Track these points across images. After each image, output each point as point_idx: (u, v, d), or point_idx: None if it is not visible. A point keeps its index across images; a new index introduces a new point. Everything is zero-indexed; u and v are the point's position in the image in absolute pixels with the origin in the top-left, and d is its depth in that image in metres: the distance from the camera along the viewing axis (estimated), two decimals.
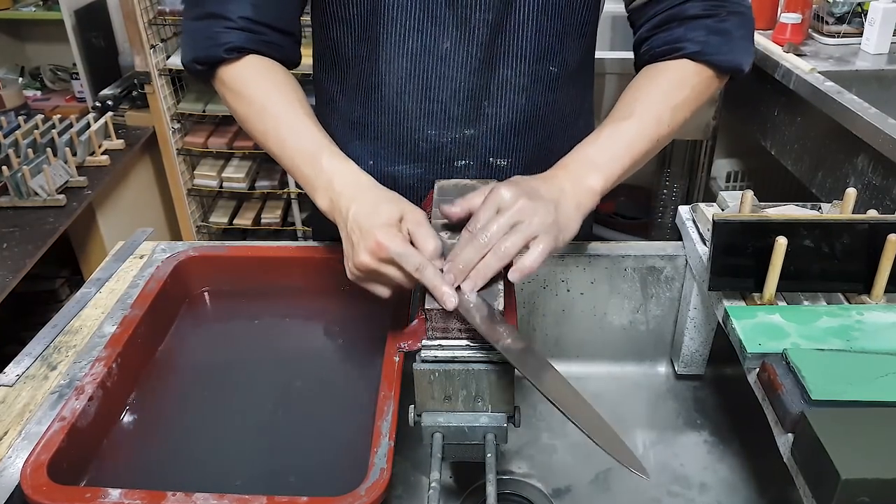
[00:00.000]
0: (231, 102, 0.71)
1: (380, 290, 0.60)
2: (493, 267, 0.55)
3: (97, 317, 0.75)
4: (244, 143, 2.06)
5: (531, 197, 0.57)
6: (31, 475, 0.51)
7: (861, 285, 0.60)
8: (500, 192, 0.57)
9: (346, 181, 0.62)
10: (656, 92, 0.68)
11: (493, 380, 0.55)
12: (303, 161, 0.64)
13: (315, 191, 0.63)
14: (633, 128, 0.65)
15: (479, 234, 0.55)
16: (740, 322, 0.57)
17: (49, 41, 2.35)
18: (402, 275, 0.56)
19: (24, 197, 1.63)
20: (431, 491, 0.51)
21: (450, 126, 0.76)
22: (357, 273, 0.59)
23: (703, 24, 0.68)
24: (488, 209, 0.57)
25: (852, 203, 0.64)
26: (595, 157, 0.64)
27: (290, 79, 0.71)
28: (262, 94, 0.68)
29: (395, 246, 0.55)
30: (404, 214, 0.58)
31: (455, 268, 0.55)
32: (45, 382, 0.66)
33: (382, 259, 0.56)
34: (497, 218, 0.56)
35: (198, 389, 0.68)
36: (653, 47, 0.71)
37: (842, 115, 1.20)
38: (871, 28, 1.48)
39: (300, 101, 0.68)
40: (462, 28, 0.71)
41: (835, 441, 0.44)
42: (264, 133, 0.68)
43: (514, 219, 0.56)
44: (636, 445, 0.76)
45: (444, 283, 0.54)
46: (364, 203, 0.59)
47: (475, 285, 0.55)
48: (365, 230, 0.57)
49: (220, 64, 0.70)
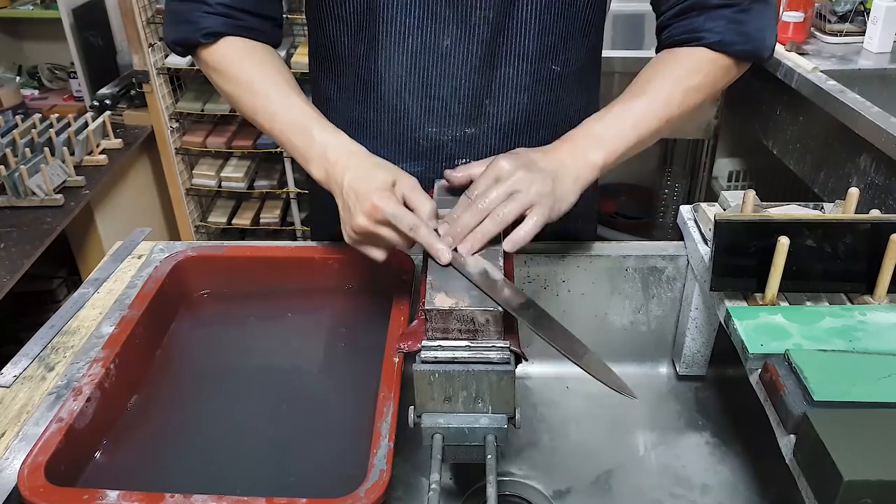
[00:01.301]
0: (217, 81, 0.73)
1: (375, 253, 0.63)
2: (490, 231, 0.58)
3: (95, 317, 0.75)
4: (243, 143, 2.05)
5: (529, 168, 0.60)
6: (29, 476, 0.51)
7: (864, 285, 0.60)
8: (499, 163, 0.60)
9: (340, 151, 0.64)
10: (670, 74, 0.69)
11: (493, 381, 0.55)
12: (294, 134, 0.67)
13: (309, 162, 0.66)
14: (642, 106, 0.67)
15: (478, 200, 0.59)
16: (742, 322, 0.57)
17: (47, 40, 2.34)
18: (398, 235, 0.59)
19: (22, 196, 1.63)
20: (431, 492, 0.51)
21: (450, 124, 0.76)
22: (354, 236, 0.62)
23: (724, 14, 0.69)
24: (488, 178, 0.60)
25: (855, 203, 0.63)
26: (600, 132, 0.66)
27: (272, 54, 0.74)
28: (247, 72, 0.70)
29: (390, 207, 0.58)
30: (398, 179, 0.61)
31: (453, 230, 0.59)
32: (43, 383, 0.66)
33: (378, 221, 0.59)
34: (496, 186, 0.59)
35: (196, 390, 0.68)
36: (672, 35, 0.71)
37: (844, 115, 1.20)
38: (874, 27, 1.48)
39: (284, 77, 0.71)
40: (462, 26, 0.71)
41: (837, 442, 0.44)
42: (253, 109, 0.70)
43: (511, 187, 0.59)
44: (637, 447, 0.75)
45: (439, 241, 0.58)
46: (359, 169, 0.62)
47: (472, 247, 0.58)
48: (361, 194, 0.60)
49: (199, 46, 0.72)
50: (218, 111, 2.02)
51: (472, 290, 0.56)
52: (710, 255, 0.62)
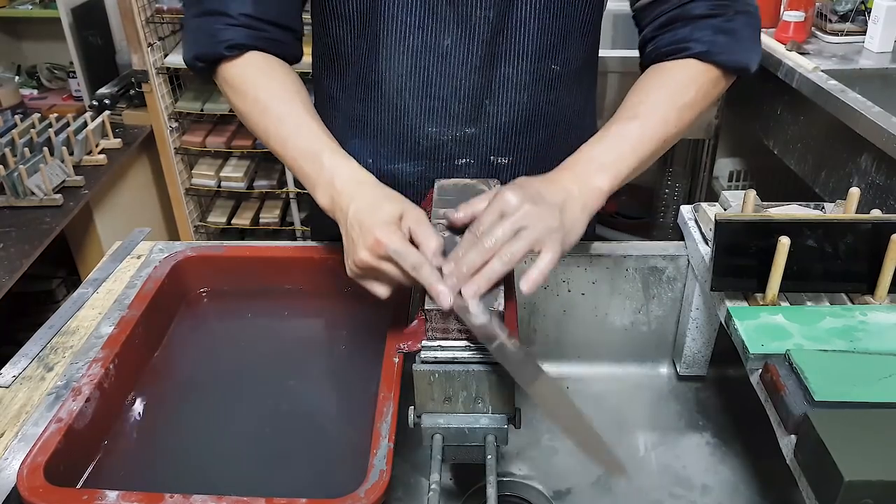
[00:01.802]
0: (233, 100, 0.71)
1: (379, 289, 0.60)
2: (497, 272, 0.54)
3: (94, 317, 0.74)
4: (242, 143, 2.05)
5: (535, 201, 0.57)
6: (28, 477, 0.51)
7: (864, 286, 0.60)
8: (504, 197, 0.57)
9: (347, 179, 0.62)
10: (662, 92, 0.68)
11: (493, 381, 0.54)
12: (304, 159, 0.65)
13: (316, 188, 0.64)
14: (639, 128, 0.65)
15: (484, 238, 0.55)
16: (743, 322, 0.57)
17: (46, 39, 2.34)
18: (401, 273, 0.56)
19: (21, 196, 1.62)
20: (431, 493, 0.51)
21: (450, 124, 0.76)
22: (356, 270, 0.59)
23: (710, 24, 0.68)
24: (492, 213, 0.57)
25: (856, 203, 0.63)
26: (601, 157, 0.64)
27: (291, 75, 0.71)
28: (264, 92, 0.68)
29: (393, 244, 0.55)
30: (405, 213, 0.58)
31: (458, 271, 0.55)
32: (42, 383, 0.66)
33: (381, 256, 0.56)
34: (502, 223, 0.56)
35: (196, 390, 0.68)
36: (658, 47, 0.70)
37: (845, 114, 1.20)
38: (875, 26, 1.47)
39: (301, 99, 0.68)
40: (463, 25, 0.71)
41: (838, 442, 0.44)
42: (266, 131, 0.68)
43: (518, 223, 0.55)
44: (637, 447, 0.75)
45: (440, 282, 0.54)
46: (364, 201, 0.59)
47: (479, 289, 0.54)
48: (365, 227, 0.57)
49: (222, 61, 0.70)
50: (217, 111, 2.02)
51: None
52: (710, 255, 0.62)
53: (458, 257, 0.56)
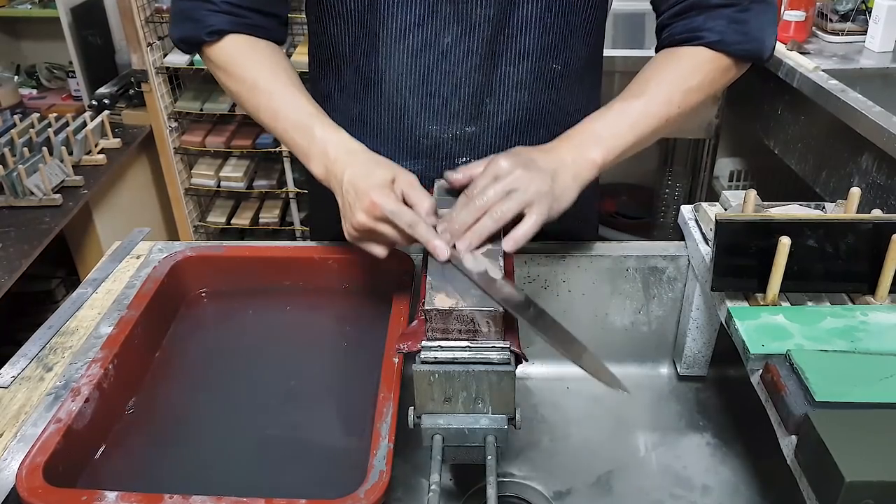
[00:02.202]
0: (221, 79, 0.74)
1: (376, 250, 0.63)
2: (488, 228, 0.59)
3: (93, 317, 0.74)
4: (242, 142, 2.05)
5: (528, 167, 0.61)
6: (27, 477, 0.51)
7: (865, 286, 0.60)
8: (498, 161, 0.61)
9: (340, 148, 0.65)
10: (670, 74, 0.69)
11: (493, 381, 0.54)
12: (296, 132, 0.68)
13: (310, 159, 0.67)
14: (642, 106, 0.67)
15: (476, 198, 0.59)
16: (743, 323, 0.57)
17: (45, 39, 2.34)
18: (397, 232, 0.60)
19: (20, 196, 1.62)
20: (431, 493, 0.51)
21: (451, 121, 0.76)
22: (354, 233, 0.62)
23: (724, 14, 0.68)
24: (486, 176, 0.61)
25: (856, 202, 0.63)
26: (600, 130, 0.66)
27: (276, 53, 0.74)
28: (251, 70, 0.71)
29: (388, 204, 0.59)
30: (397, 176, 0.62)
31: (451, 227, 0.59)
32: (41, 384, 0.66)
33: (377, 217, 0.59)
34: (494, 185, 0.60)
35: (195, 391, 0.68)
36: (672, 34, 0.71)
37: (846, 114, 1.20)
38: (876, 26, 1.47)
39: (288, 74, 0.71)
40: (463, 24, 0.71)
41: (839, 443, 0.44)
42: (256, 107, 0.71)
43: (510, 186, 0.59)
44: (638, 447, 0.75)
45: (436, 237, 0.58)
46: (358, 167, 0.63)
47: (470, 244, 0.59)
48: (360, 191, 0.60)
49: (204, 44, 0.72)
50: (217, 110, 2.02)
51: (472, 290, 0.56)
52: (711, 255, 0.62)
53: (452, 218, 0.60)
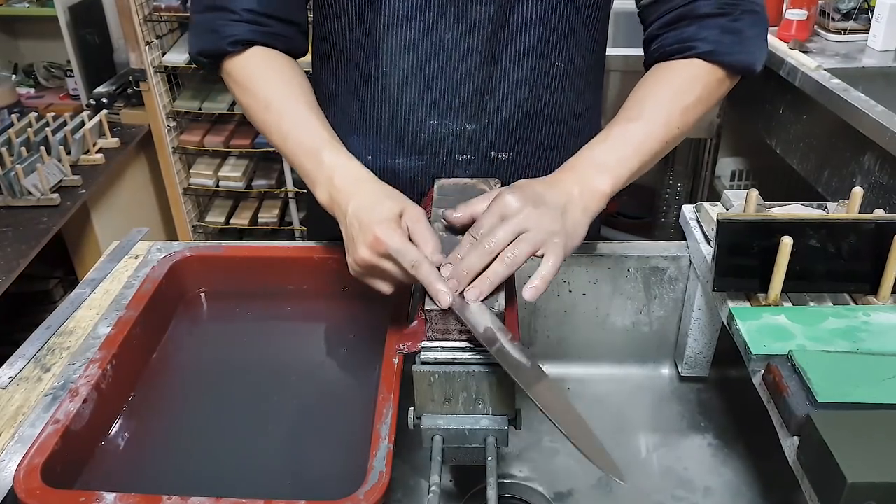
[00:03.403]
0: (237, 94, 0.72)
1: (380, 286, 0.60)
2: (500, 275, 0.55)
3: (91, 318, 0.74)
4: (241, 142, 2.04)
5: (537, 204, 0.57)
6: (25, 478, 0.50)
7: (868, 286, 0.60)
8: (504, 199, 0.57)
9: (347, 177, 0.62)
10: (666, 92, 0.67)
11: (493, 382, 0.54)
12: (304, 156, 0.65)
13: (315, 185, 0.64)
14: (642, 129, 0.64)
15: (484, 240, 0.55)
16: (745, 323, 0.57)
17: (43, 38, 2.33)
18: (400, 270, 0.56)
19: (18, 196, 1.62)
20: (431, 495, 0.51)
21: (451, 117, 0.75)
22: (357, 268, 0.60)
23: (716, 23, 0.67)
24: (492, 215, 0.57)
25: (859, 202, 0.63)
26: (603, 158, 0.63)
27: (295, 71, 0.72)
28: (267, 87, 0.69)
29: (392, 242, 0.55)
30: (404, 211, 0.58)
31: (459, 273, 0.55)
32: (39, 384, 0.66)
33: (381, 254, 0.56)
34: (503, 225, 0.55)
35: (194, 392, 0.67)
36: (663, 46, 0.70)
37: (848, 113, 1.19)
38: (878, 24, 1.47)
39: (304, 94, 0.69)
40: (463, 20, 0.70)
41: (841, 444, 0.44)
42: (268, 126, 0.69)
43: (520, 226, 0.55)
44: (639, 448, 0.75)
45: (439, 281, 0.54)
46: (364, 198, 0.60)
47: (481, 293, 0.54)
48: (364, 225, 0.57)
49: (225, 57, 0.71)
50: (216, 110, 2.01)
51: None
52: (712, 255, 0.62)
53: (458, 259, 0.56)
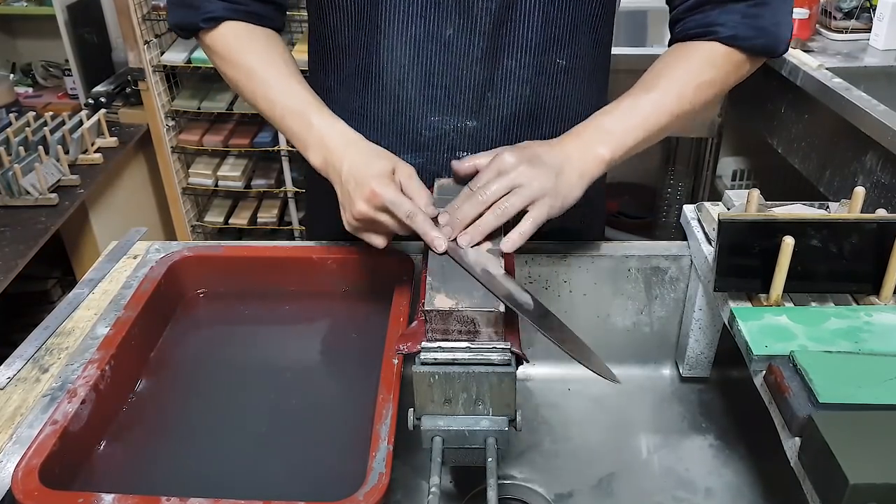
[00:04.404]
0: (219, 65, 0.74)
1: (376, 240, 0.63)
2: (490, 223, 0.59)
3: (90, 318, 0.74)
4: (240, 141, 2.04)
5: (532, 162, 0.60)
6: (23, 479, 0.50)
7: (870, 286, 0.60)
8: (503, 156, 0.61)
9: (338, 138, 0.65)
10: (682, 68, 0.68)
11: (494, 382, 0.54)
12: (293, 120, 0.68)
13: (308, 148, 0.67)
14: (654, 101, 0.66)
15: (479, 192, 0.59)
16: (746, 323, 0.57)
17: (41, 37, 2.33)
18: (396, 222, 0.60)
19: (16, 196, 1.62)
20: (431, 496, 0.50)
21: (452, 113, 0.75)
22: (354, 223, 0.63)
23: (738, 9, 0.68)
24: (491, 170, 0.61)
25: (861, 202, 0.63)
26: (609, 125, 0.66)
27: (273, 39, 0.74)
28: (248, 56, 0.71)
29: (388, 194, 0.59)
30: (396, 167, 0.62)
31: (453, 220, 0.59)
32: (37, 385, 0.65)
33: (377, 207, 0.60)
34: (498, 179, 0.60)
35: (193, 392, 0.67)
36: (686, 29, 0.71)
37: (850, 113, 1.19)
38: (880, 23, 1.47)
39: (285, 61, 0.71)
40: (465, 16, 0.70)
41: (843, 445, 0.43)
42: (253, 94, 0.71)
43: (513, 181, 0.59)
44: (640, 449, 0.75)
45: (434, 230, 0.59)
46: (358, 156, 0.63)
47: (472, 239, 0.59)
48: (360, 180, 0.61)
49: (201, 31, 0.72)
50: (214, 109, 2.01)
51: (472, 290, 0.55)
52: (713, 256, 0.61)
53: (454, 209, 0.60)
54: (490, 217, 0.59)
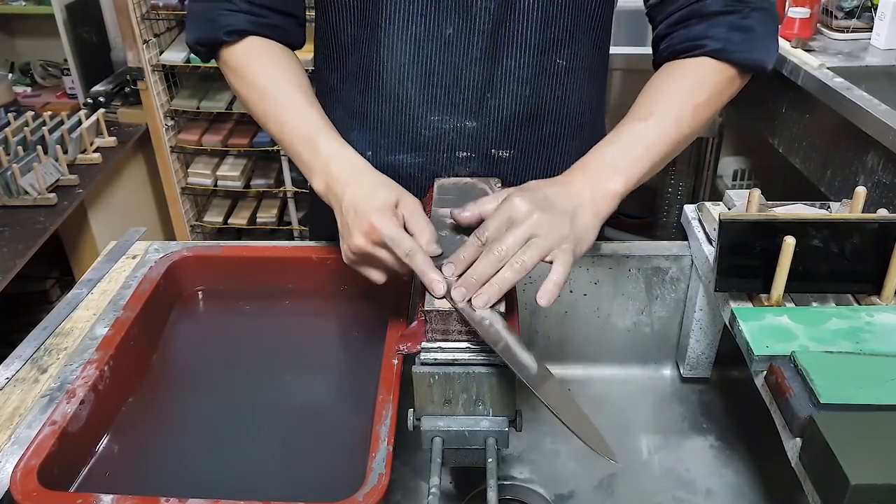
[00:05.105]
0: (233, 83, 0.73)
1: (374, 275, 0.61)
2: (509, 281, 0.54)
3: (89, 318, 0.74)
4: (239, 141, 2.04)
5: (546, 208, 0.56)
6: (21, 480, 0.50)
7: (871, 286, 0.60)
8: (513, 202, 0.56)
9: (343, 165, 0.63)
10: (677, 91, 0.67)
11: (494, 383, 0.54)
12: (300, 144, 0.66)
13: (312, 174, 0.65)
14: (653, 129, 0.64)
15: (494, 246, 0.54)
16: (747, 324, 0.57)
17: (40, 36, 2.33)
18: (394, 259, 0.57)
19: (14, 196, 1.61)
20: (431, 497, 0.50)
21: (452, 113, 0.75)
22: (352, 256, 0.60)
23: (725, 21, 0.67)
24: (500, 219, 0.56)
25: (862, 202, 0.63)
26: (614, 159, 0.63)
27: (291, 59, 0.73)
28: (263, 75, 0.70)
29: (387, 230, 0.56)
30: (400, 200, 0.59)
31: (468, 281, 0.54)
32: (36, 385, 0.65)
33: (376, 242, 0.57)
34: (513, 231, 0.55)
35: (192, 393, 0.67)
36: (673, 44, 0.70)
37: (851, 112, 1.19)
38: (882, 23, 1.46)
39: (300, 83, 0.70)
40: (464, 15, 0.70)
41: (844, 446, 0.43)
42: (264, 115, 0.69)
43: (529, 232, 0.55)
44: (640, 450, 0.75)
45: (434, 271, 0.55)
46: (360, 187, 0.60)
47: (489, 300, 0.53)
48: (360, 213, 0.58)
49: (222, 46, 0.71)
50: (214, 109, 2.01)
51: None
52: (714, 256, 0.61)
53: (461, 259, 0.56)
54: (509, 273, 0.54)
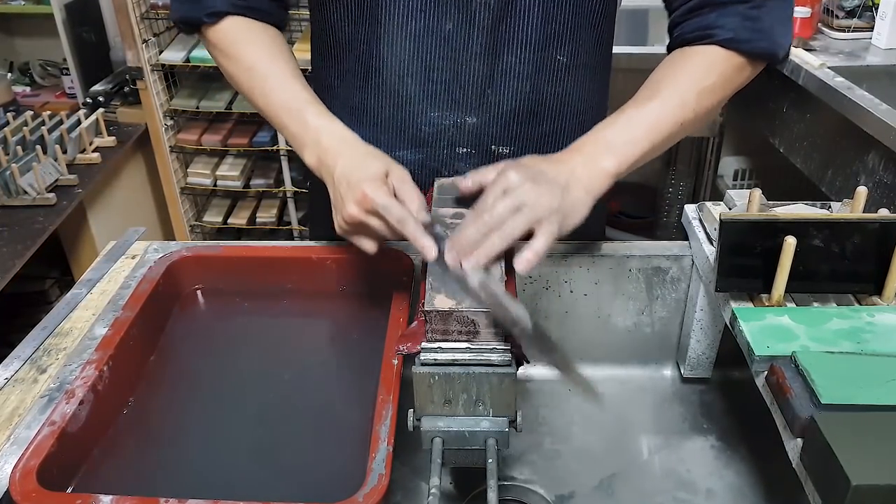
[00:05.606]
0: (219, 61, 0.74)
1: (366, 245, 0.63)
2: (496, 246, 0.56)
3: (88, 318, 0.73)
4: (239, 141, 2.04)
5: (537, 180, 0.58)
6: (20, 481, 0.50)
7: (872, 286, 0.60)
8: (507, 174, 0.59)
9: (333, 138, 0.64)
10: (683, 75, 0.67)
11: (494, 383, 0.54)
12: (289, 118, 0.67)
13: (303, 147, 0.66)
14: (656, 110, 0.65)
15: (484, 213, 0.57)
16: (748, 324, 0.57)
17: (39, 36, 2.32)
18: (387, 227, 0.59)
19: (13, 195, 1.61)
20: (431, 497, 0.50)
21: (452, 109, 0.75)
22: (345, 226, 0.62)
23: (737, 10, 0.67)
24: (495, 190, 0.58)
25: (863, 202, 0.63)
26: (612, 138, 0.64)
27: (275, 36, 0.74)
28: (248, 52, 0.71)
29: (379, 197, 0.58)
30: (390, 170, 0.61)
31: (458, 244, 0.57)
32: (35, 386, 0.65)
33: (368, 211, 0.59)
34: (503, 199, 0.57)
35: (191, 393, 0.67)
36: (684, 32, 0.70)
37: (852, 112, 1.19)
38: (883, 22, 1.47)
39: (285, 59, 0.71)
40: (464, 10, 0.70)
41: (845, 446, 0.43)
42: (251, 90, 0.71)
43: (519, 200, 0.57)
44: (641, 450, 0.75)
45: (425, 236, 0.57)
46: (351, 158, 0.62)
47: (477, 262, 0.56)
48: (353, 183, 0.60)
49: (203, 25, 0.72)
50: (213, 108, 2.01)
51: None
52: (715, 256, 0.61)
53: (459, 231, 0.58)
54: (496, 239, 0.56)
